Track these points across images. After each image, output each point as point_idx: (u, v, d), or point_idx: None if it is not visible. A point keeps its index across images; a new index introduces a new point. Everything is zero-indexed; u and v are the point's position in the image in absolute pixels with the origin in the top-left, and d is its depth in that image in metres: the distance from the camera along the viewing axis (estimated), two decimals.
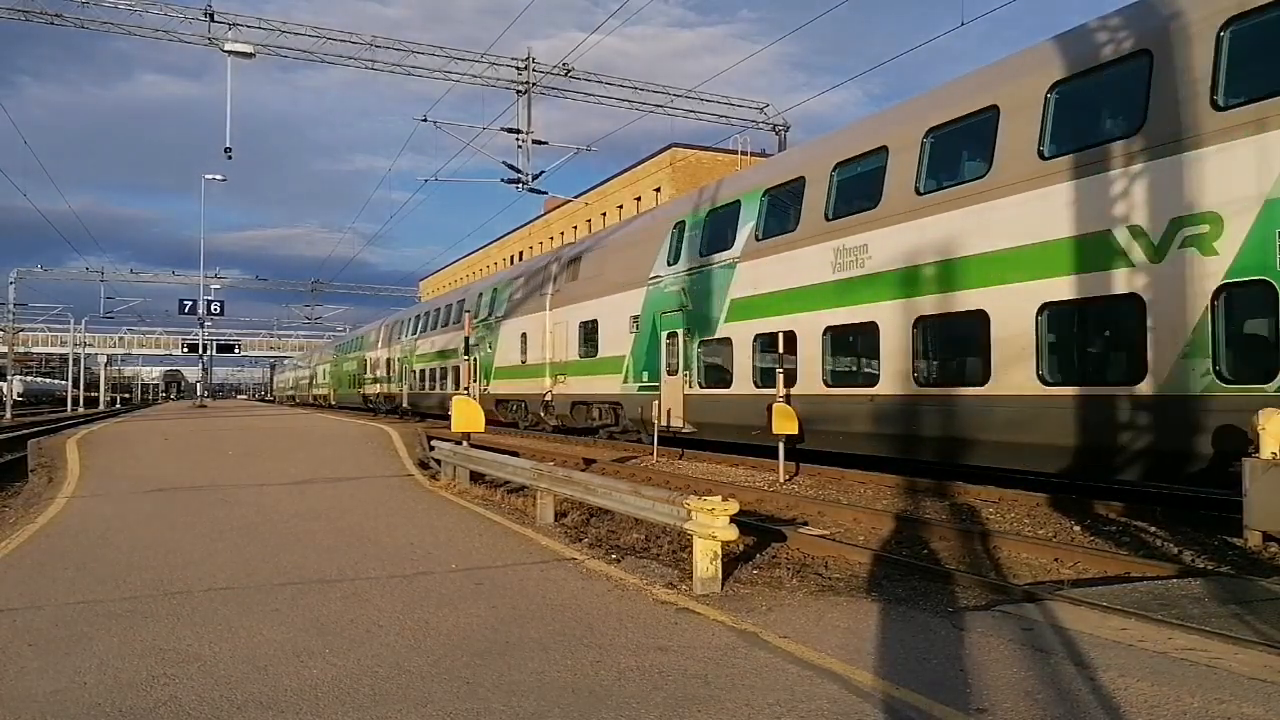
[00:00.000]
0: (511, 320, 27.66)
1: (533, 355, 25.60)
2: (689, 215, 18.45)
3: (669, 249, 18.87)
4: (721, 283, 16.78)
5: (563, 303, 23.89)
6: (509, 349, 27.64)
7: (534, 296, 25.97)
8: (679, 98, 27.60)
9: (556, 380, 24.03)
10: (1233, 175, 8.71)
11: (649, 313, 19.29)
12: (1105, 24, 10.41)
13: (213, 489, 11.82)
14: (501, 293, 29.31)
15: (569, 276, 23.78)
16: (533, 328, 25.75)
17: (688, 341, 17.76)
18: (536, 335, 25.38)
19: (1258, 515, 7.80)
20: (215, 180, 41.85)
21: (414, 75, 24.78)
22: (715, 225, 17.46)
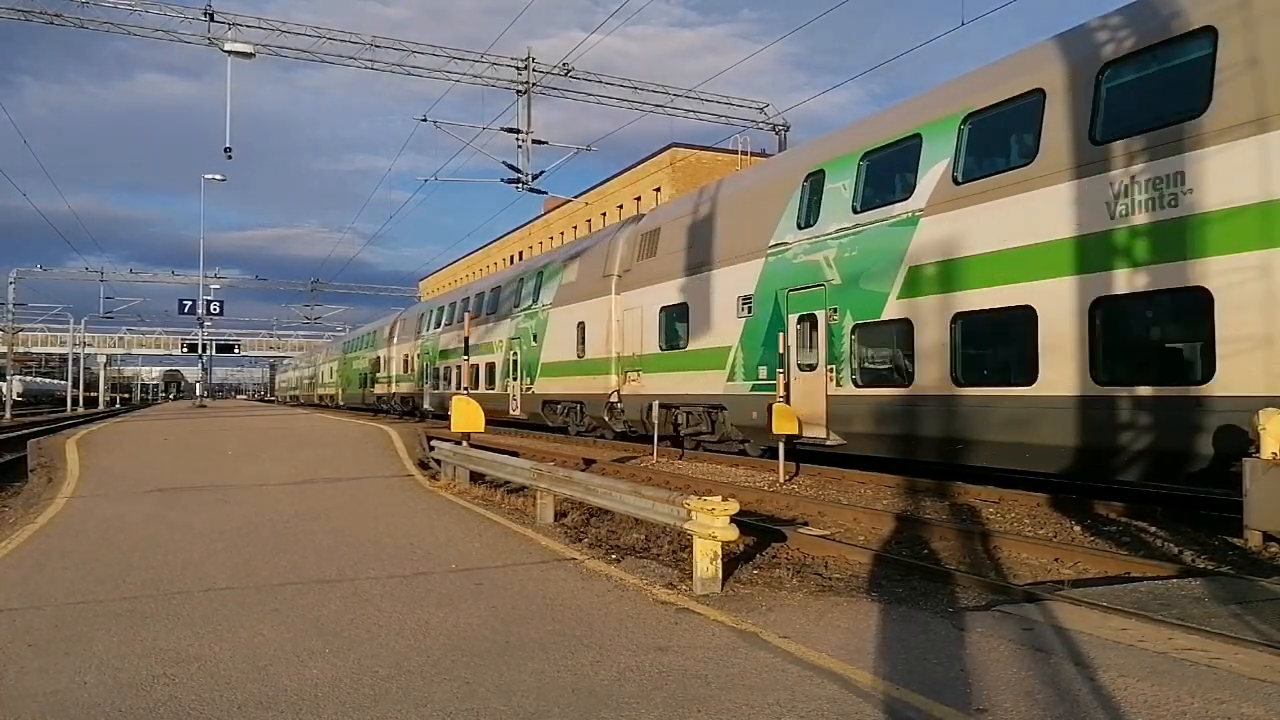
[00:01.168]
0: (564, 308, 23.78)
1: (593, 348, 21.92)
2: (831, 162, 14.32)
3: (799, 208, 14.82)
4: (891, 245, 12.66)
5: (634, 284, 20.17)
6: (560, 341, 23.80)
7: (594, 279, 22.20)
8: (679, 98, 27.61)
9: (626, 378, 20.31)
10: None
11: (768, 291, 15.34)
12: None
13: (212, 489, 11.81)
14: (550, 276, 25.20)
15: (643, 252, 19.98)
16: (593, 316, 21.93)
17: (833, 326, 13.75)
18: (598, 324, 21.59)
19: (1258, 515, 7.80)
20: (215, 180, 41.84)
21: (414, 75, 24.80)
22: (878, 170, 13.45)
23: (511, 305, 27.73)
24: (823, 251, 14.13)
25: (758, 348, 15.65)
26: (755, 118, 28.77)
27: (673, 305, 18.55)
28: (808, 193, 14.77)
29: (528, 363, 25.77)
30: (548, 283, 25.23)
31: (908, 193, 12.60)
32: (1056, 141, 10.62)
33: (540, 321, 25.13)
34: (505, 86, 24.95)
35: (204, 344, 51.71)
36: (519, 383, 26.50)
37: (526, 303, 26.37)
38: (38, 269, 59.41)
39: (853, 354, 13.51)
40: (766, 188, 16.23)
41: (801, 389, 14.46)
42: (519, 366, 26.43)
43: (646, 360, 19.57)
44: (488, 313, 29.79)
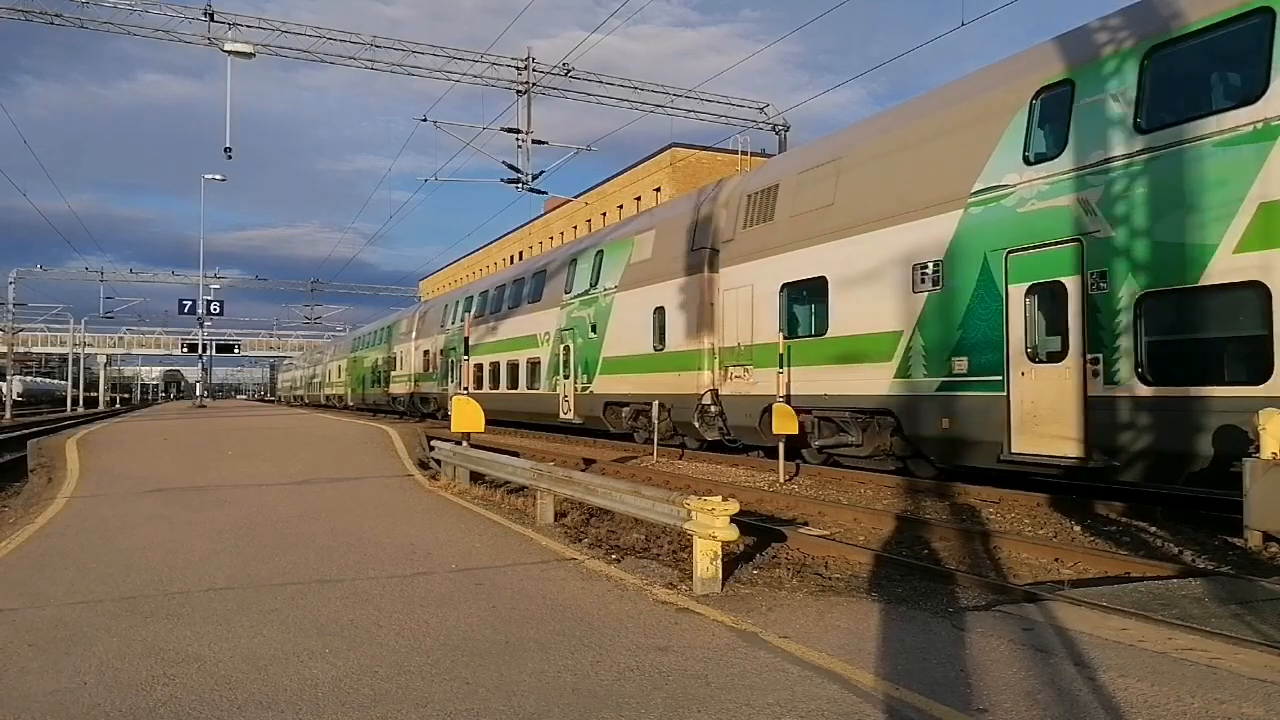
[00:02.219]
0: (635, 292, 20.02)
1: (677, 338, 18.15)
2: (1086, 68, 10.40)
3: (1025, 136, 11.00)
4: (1222, 174, 8.86)
5: (740, 257, 16.25)
6: (629, 332, 20.03)
7: (677, 255, 18.52)
8: (679, 98, 27.63)
9: (727, 374, 16.46)
10: None
11: (969, 253, 11.58)
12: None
13: (212, 489, 11.81)
14: (614, 255, 21.53)
15: (752, 217, 16.08)
16: (677, 299, 18.25)
17: (1099, 298, 10.00)
18: (684, 309, 17.87)
19: (1258, 515, 7.80)
20: (215, 180, 41.84)
21: (414, 75, 24.82)
22: (1186, 67, 9.69)
23: (561, 291, 23.96)
24: (1077, 193, 10.24)
25: (950, 332, 11.73)
26: (755, 118, 28.78)
27: (802, 281, 14.70)
28: (1041, 114, 10.89)
29: (584, 358, 22.13)
30: (611, 262, 21.44)
31: (1254, 93, 8.70)
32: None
33: (601, 309, 21.37)
34: (505, 86, 24.97)
35: (204, 344, 51.66)
36: (572, 381, 22.72)
37: (581, 287, 22.63)
38: (38, 269, 59.52)
39: (1138, 336, 9.64)
40: (959, 117, 12.10)
41: (1035, 388, 10.66)
42: (571, 363, 22.80)
43: (760, 352, 15.51)
44: (530, 300, 26.03)
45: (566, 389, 23.26)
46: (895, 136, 13.29)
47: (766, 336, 15.41)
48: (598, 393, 21.46)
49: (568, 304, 23.44)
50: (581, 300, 22.61)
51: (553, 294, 24.58)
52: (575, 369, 22.66)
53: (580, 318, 22.54)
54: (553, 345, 24.10)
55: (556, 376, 23.80)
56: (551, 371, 24.19)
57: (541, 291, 25.49)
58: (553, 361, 24.12)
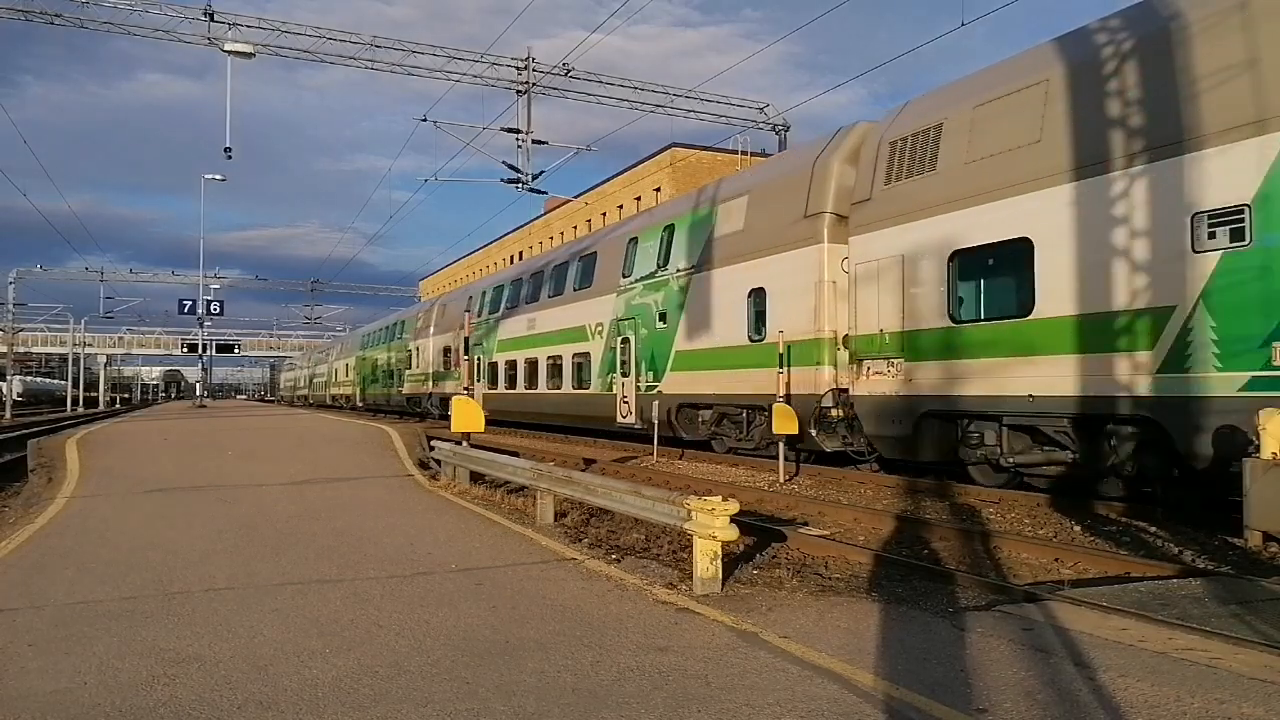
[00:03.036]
0: (721, 271, 16.75)
1: (782, 326, 14.74)
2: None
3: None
4: None
5: (884, 220, 12.89)
6: (711, 319, 17.00)
7: (783, 223, 15.15)
8: (679, 98, 27.64)
9: (861, 369, 13.29)
10: None
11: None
12: None
13: (212, 489, 11.81)
14: (690, 229, 17.95)
15: (900, 169, 12.81)
16: (783, 278, 15.05)
17: None
18: (794, 290, 14.71)
19: (1258, 515, 7.80)
20: (215, 180, 41.84)
21: (414, 75, 24.82)
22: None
23: (617, 275, 20.86)
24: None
25: (1272, 306, 8.47)
26: (755, 118, 28.78)
27: (986, 247, 11.35)
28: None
29: (648, 352, 19.00)
30: (685, 238, 18.08)
31: None
32: None
33: (672, 294, 18.23)
34: (505, 86, 24.97)
35: (204, 344, 51.66)
36: (633, 380, 19.61)
37: (644, 269, 19.49)
38: (38, 269, 59.52)
39: None
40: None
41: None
42: (632, 358, 19.71)
43: (916, 340, 12.29)
44: (577, 287, 23.03)
45: (626, 389, 20.07)
46: (1155, 32, 9.63)
47: (927, 320, 12.13)
48: (668, 393, 18.19)
49: (626, 290, 20.25)
50: (646, 285, 19.31)
51: (605, 279, 21.41)
52: (637, 365, 19.49)
53: (643, 305, 19.38)
54: (606, 338, 21.05)
55: (612, 374, 20.63)
56: (605, 368, 21.09)
57: (591, 276, 22.27)
58: (606, 357, 21.07)
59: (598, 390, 21.58)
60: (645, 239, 19.94)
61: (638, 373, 19.57)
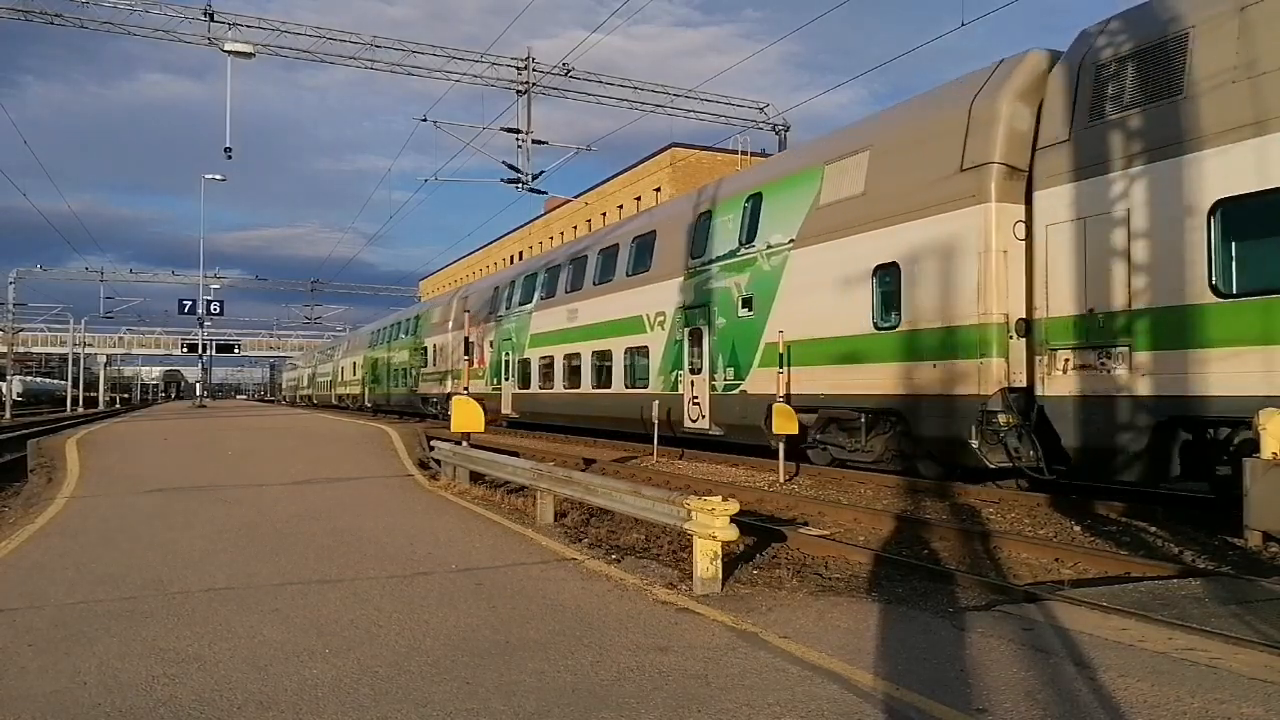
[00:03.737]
0: (831, 245, 13.90)
1: (927, 309, 12.28)
2: None
3: None
4: None
5: (1092, 167, 10.39)
6: (819, 303, 14.07)
7: (924, 181, 12.42)
8: (679, 98, 27.64)
9: (1054, 362, 10.75)
10: None
11: None
12: None
13: (212, 489, 11.81)
14: (782, 196, 15.19)
15: (1117, 98, 10.22)
16: (926, 248, 12.32)
17: None
18: (949, 261, 11.95)
19: (1258, 515, 7.80)
20: (215, 180, 41.85)
21: (414, 75, 24.82)
22: None
23: (683, 256, 18.10)
24: None
25: None
26: (755, 118, 28.79)
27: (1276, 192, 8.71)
28: None
29: (728, 345, 16.22)
30: (778, 207, 15.18)
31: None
32: None
33: (761, 274, 15.34)
34: (505, 86, 24.98)
35: (204, 344, 51.67)
36: (706, 378, 16.89)
37: (721, 248, 16.71)
38: (38, 269, 59.50)
39: None
40: None
41: None
42: (705, 352, 17.06)
43: (1157, 321, 9.63)
44: (632, 271, 20.32)
45: (697, 388, 17.32)
46: None
47: (1173, 294, 9.44)
48: (756, 393, 15.34)
49: (697, 272, 17.46)
50: (723, 266, 16.49)
51: (668, 261, 18.74)
52: (713, 360, 16.71)
53: (720, 290, 16.56)
54: (670, 330, 18.32)
55: (677, 371, 17.92)
56: (669, 364, 18.34)
57: (648, 259, 19.63)
58: (670, 351, 18.30)
59: (658, 390, 18.59)
60: (722, 212, 16.87)
61: (713, 369, 16.76)
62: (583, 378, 22.32)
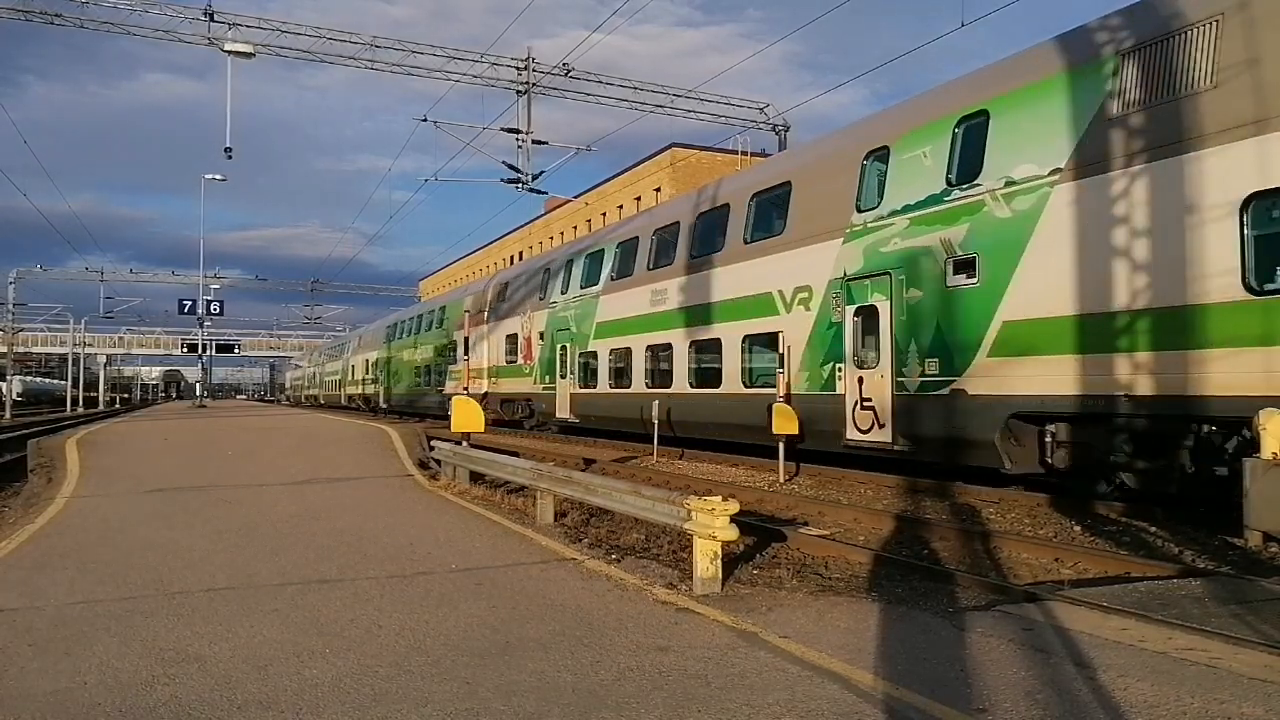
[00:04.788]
0: (1160, 167, 9.32)
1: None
2: None
3: None
4: None
5: None
6: (1124, 259, 9.63)
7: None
8: (679, 98, 27.64)
9: None
10: None
11: None
12: None
13: (212, 489, 11.81)
14: (1031, 107, 10.85)
15: None
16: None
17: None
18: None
19: (1258, 515, 7.79)
20: (215, 180, 41.86)
21: (415, 75, 24.82)
22: None
23: (844, 208, 13.70)
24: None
25: None
26: (755, 118, 28.79)
27: None
28: None
29: (927, 327, 12.00)
30: (1023, 125, 10.90)
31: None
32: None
33: (992, 224, 11.07)
34: (505, 86, 24.97)
35: (204, 344, 51.68)
36: (885, 372, 12.71)
37: (913, 193, 12.35)
38: (38, 269, 59.40)
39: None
40: None
41: None
42: (882, 339, 12.79)
43: None
44: (753, 238, 16.04)
45: (871, 386, 13.00)
46: None
47: None
48: (981, 394, 11.15)
49: (868, 230, 13.12)
50: (918, 219, 12.20)
51: (813, 219, 14.45)
52: (898, 349, 12.47)
53: (912, 251, 12.25)
54: (821, 309, 14.03)
55: (835, 364, 13.66)
56: (819, 355, 14.05)
57: (778, 219, 15.50)
58: (822, 338, 13.97)
59: (804, 389, 14.29)
60: (909, 146, 12.62)
61: (899, 362, 12.47)
62: (675, 374, 18.20)
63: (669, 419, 18.08)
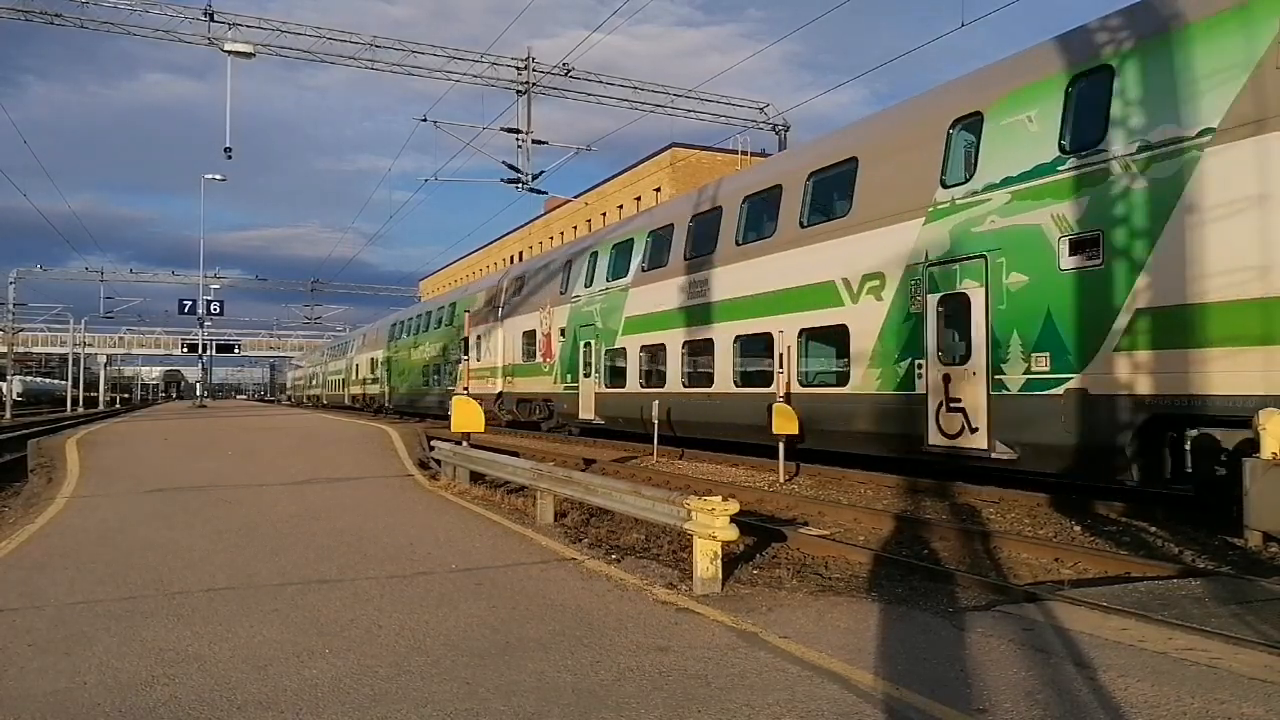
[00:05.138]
0: None
1: None
2: None
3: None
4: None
5: None
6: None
7: None
8: (679, 98, 27.64)
9: None
10: None
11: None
12: None
13: (212, 489, 11.81)
14: (1173, 54, 9.23)
15: None
16: None
17: None
18: None
19: (1258, 515, 7.79)
20: (215, 180, 41.86)
21: (415, 75, 24.81)
22: None
23: (924, 187, 12.17)
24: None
25: None
26: (755, 118, 28.79)
27: None
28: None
29: (1038, 316, 10.43)
30: (1159, 79, 9.46)
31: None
32: None
33: (1124, 197, 9.64)
34: (506, 86, 24.97)
35: (204, 344, 51.68)
36: (979, 369, 11.12)
37: (1015, 164, 10.83)
38: (38, 269, 59.40)
39: None
40: None
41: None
42: (977, 330, 11.20)
43: None
44: (811, 220, 14.63)
45: (960, 385, 11.40)
46: None
47: None
48: (1106, 393, 9.67)
49: (956, 208, 11.55)
50: (1021, 192, 10.65)
51: (885, 198, 12.90)
52: (997, 342, 10.87)
53: (1015, 230, 10.70)
54: (894, 298, 12.52)
55: (912, 359, 12.16)
56: (892, 349, 12.52)
57: (841, 199, 14.02)
58: (896, 330, 12.48)
59: (874, 388, 12.85)
60: (1007, 111, 11.03)
61: (997, 358, 10.83)
62: (717, 373, 16.63)
63: (711, 421, 16.90)
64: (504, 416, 27.11)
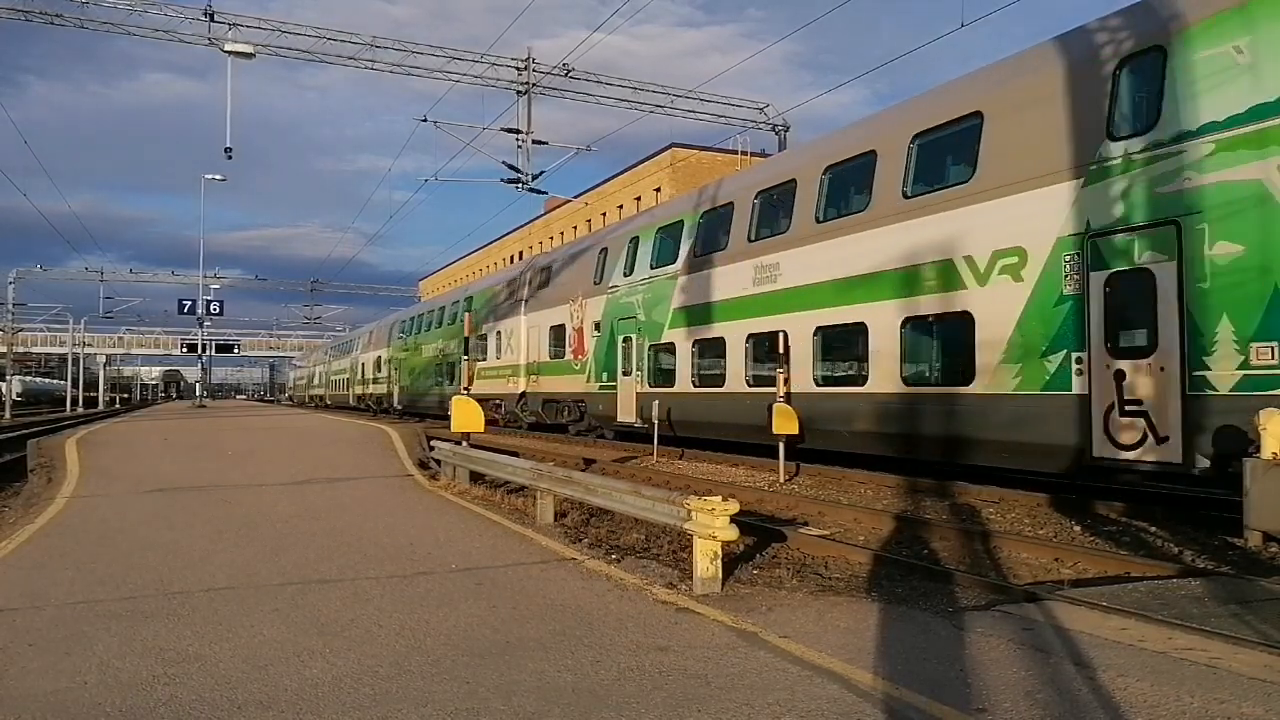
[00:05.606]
0: None
1: None
2: None
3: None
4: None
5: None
6: None
7: None
8: (679, 98, 27.63)
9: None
10: None
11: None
12: None
13: (212, 489, 11.81)
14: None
15: None
16: None
17: None
18: None
19: (1258, 515, 7.79)
20: (215, 180, 41.87)
21: (415, 75, 24.81)
22: None
23: (1079, 144, 10.17)
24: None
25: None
26: (755, 118, 28.79)
27: None
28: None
29: (1251, 298, 8.43)
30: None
31: None
32: None
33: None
34: (506, 87, 24.96)
35: (204, 344, 51.67)
36: (1170, 364, 9.04)
37: (1220, 109, 8.80)
38: (38, 269, 59.47)
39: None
40: None
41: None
42: (1163, 317, 9.16)
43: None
44: (916, 189, 12.54)
45: (1138, 383, 9.40)
46: None
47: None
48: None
49: (1130, 165, 9.58)
50: (1228, 144, 8.76)
51: (1025, 158, 10.77)
52: (1191, 331, 8.91)
53: (1215, 192, 8.80)
54: (1041, 278, 10.42)
55: (1062, 353, 10.14)
56: (1037, 342, 10.45)
57: (960, 164, 11.99)
58: (1044, 317, 10.40)
59: (1010, 387, 10.78)
60: (1205, 42, 9.09)
61: (1196, 347, 8.88)
62: (794, 371, 14.29)
63: (803, 425, 14.10)
64: (526, 419, 25.37)
